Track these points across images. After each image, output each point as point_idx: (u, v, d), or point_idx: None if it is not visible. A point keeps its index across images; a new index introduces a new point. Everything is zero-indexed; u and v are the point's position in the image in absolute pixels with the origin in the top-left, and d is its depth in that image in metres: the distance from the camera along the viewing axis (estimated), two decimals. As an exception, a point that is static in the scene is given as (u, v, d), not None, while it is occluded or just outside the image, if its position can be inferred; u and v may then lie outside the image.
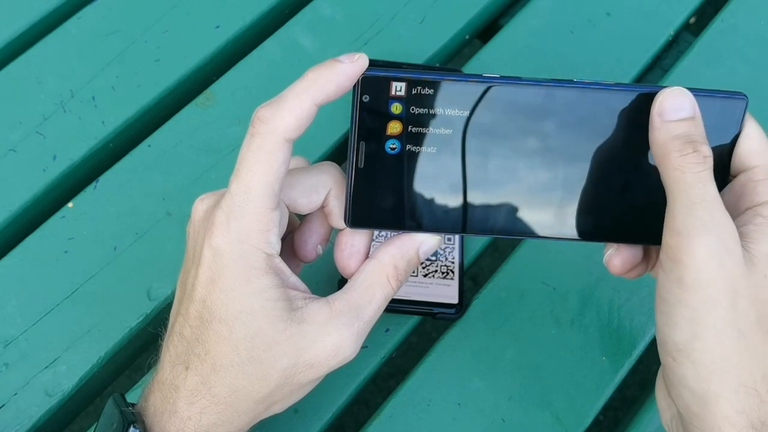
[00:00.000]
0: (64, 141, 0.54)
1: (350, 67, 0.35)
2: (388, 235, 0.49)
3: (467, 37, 0.61)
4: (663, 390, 0.38)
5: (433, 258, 0.50)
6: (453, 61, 0.61)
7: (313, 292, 0.39)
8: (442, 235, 0.42)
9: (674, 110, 0.36)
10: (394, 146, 0.37)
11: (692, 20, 0.63)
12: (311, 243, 0.40)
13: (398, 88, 0.36)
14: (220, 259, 0.36)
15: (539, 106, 0.37)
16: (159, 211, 0.52)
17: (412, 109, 0.37)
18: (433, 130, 0.37)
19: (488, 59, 0.58)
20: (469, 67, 0.57)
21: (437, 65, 0.59)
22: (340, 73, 0.35)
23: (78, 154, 0.53)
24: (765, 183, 0.36)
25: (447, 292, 0.49)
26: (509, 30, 0.60)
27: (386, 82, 0.36)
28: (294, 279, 0.38)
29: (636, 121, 0.37)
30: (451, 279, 0.50)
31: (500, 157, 0.37)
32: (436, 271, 0.50)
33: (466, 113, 0.37)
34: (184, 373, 0.37)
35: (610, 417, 0.54)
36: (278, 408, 0.38)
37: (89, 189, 0.52)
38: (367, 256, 0.39)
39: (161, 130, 0.55)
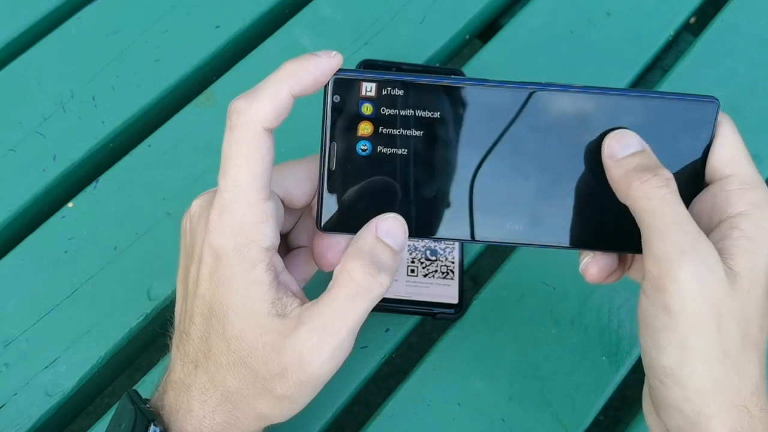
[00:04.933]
0: (64, 141, 0.54)
1: (327, 61, 0.35)
2: None
3: (467, 37, 0.61)
4: (651, 409, 0.38)
5: (433, 258, 0.50)
6: (453, 61, 0.61)
7: (309, 291, 0.38)
8: (415, 240, 0.42)
9: (623, 148, 0.36)
10: (365, 147, 0.37)
11: (692, 20, 0.63)
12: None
13: (368, 89, 0.36)
14: (218, 256, 0.35)
15: (511, 109, 0.36)
16: (159, 211, 0.52)
17: (383, 110, 0.36)
18: (404, 131, 0.37)
19: (488, 59, 0.58)
20: (469, 67, 0.57)
21: (437, 65, 0.59)
22: (318, 66, 0.35)
23: (78, 154, 0.53)
24: (738, 193, 0.36)
25: (447, 292, 0.49)
26: (509, 30, 0.60)
27: (356, 83, 0.36)
28: (287, 277, 0.37)
29: (612, 125, 0.37)
30: (451, 279, 0.50)
31: (471, 161, 0.37)
32: (436, 271, 0.50)
33: (438, 115, 0.37)
34: (194, 371, 0.37)
35: (610, 417, 0.54)
36: (277, 417, 0.37)
37: (89, 189, 0.52)
38: (345, 246, 0.38)
39: (161, 130, 0.55)
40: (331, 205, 0.37)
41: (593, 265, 0.39)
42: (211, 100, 0.56)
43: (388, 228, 0.37)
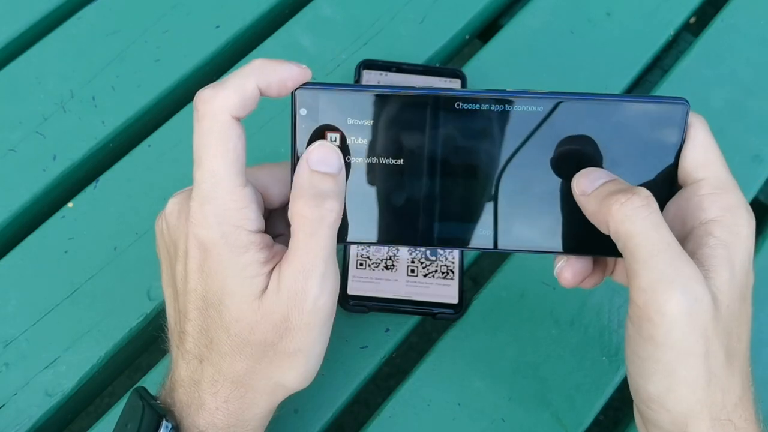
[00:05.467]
0: (64, 141, 0.54)
1: (297, 69, 0.35)
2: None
3: (467, 37, 0.61)
4: (641, 422, 0.38)
5: (433, 258, 0.50)
6: (453, 61, 0.61)
7: None
8: (383, 247, 0.42)
9: (591, 181, 0.36)
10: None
11: (692, 20, 0.63)
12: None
13: (334, 101, 0.37)
14: (205, 246, 0.35)
15: (479, 117, 0.37)
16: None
17: (350, 121, 0.37)
18: (371, 141, 0.37)
19: (488, 59, 0.58)
20: (469, 67, 0.57)
21: (437, 65, 0.59)
22: (285, 69, 0.35)
23: (78, 154, 0.53)
24: (711, 198, 0.35)
25: (447, 292, 0.49)
26: (509, 30, 0.60)
27: (323, 95, 0.36)
28: (281, 250, 0.37)
29: (580, 129, 0.37)
30: (451, 279, 0.50)
31: (439, 169, 0.37)
32: (436, 271, 0.50)
33: (405, 125, 0.37)
34: (199, 366, 0.37)
35: (610, 417, 0.54)
36: (295, 381, 0.37)
37: (89, 189, 0.52)
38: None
39: (161, 130, 0.55)
40: None
41: (567, 269, 0.39)
42: (211, 100, 0.55)
43: (318, 157, 0.37)
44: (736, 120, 0.38)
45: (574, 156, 0.37)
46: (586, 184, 0.36)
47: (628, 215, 0.34)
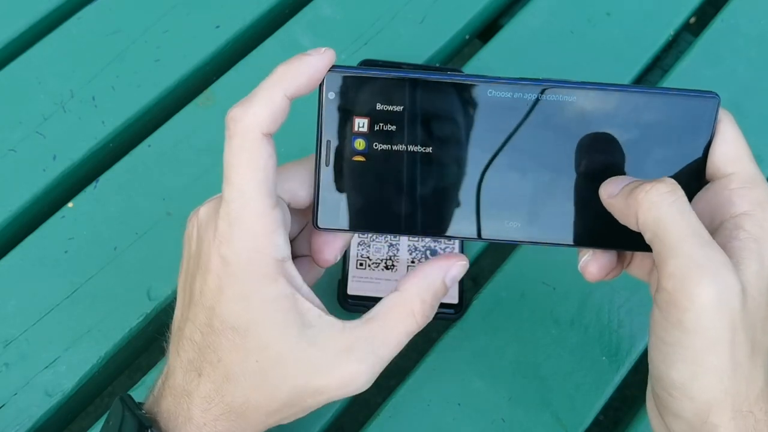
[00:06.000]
0: (64, 141, 0.54)
1: (319, 59, 0.35)
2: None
3: (467, 37, 0.61)
4: (656, 412, 0.37)
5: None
6: (453, 61, 0.61)
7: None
8: (417, 237, 0.41)
9: (617, 185, 0.36)
10: (362, 144, 0.37)
11: (692, 20, 0.63)
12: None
13: (364, 84, 0.36)
14: (229, 268, 0.35)
15: (512, 107, 0.36)
16: (159, 211, 0.52)
17: (379, 107, 0.36)
18: (400, 128, 0.36)
19: (488, 59, 0.58)
20: (469, 67, 0.57)
21: (437, 65, 0.59)
22: (310, 65, 0.35)
23: (78, 154, 0.53)
24: (740, 192, 0.35)
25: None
26: (509, 30, 0.60)
27: (352, 79, 0.36)
28: (307, 290, 0.36)
29: (611, 121, 0.36)
30: (451, 279, 0.50)
31: (470, 159, 0.37)
32: (436, 271, 0.50)
33: (438, 112, 0.36)
34: (197, 379, 0.36)
35: (610, 417, 0.53)
36: (286, 421, 0.37)
37: (89, 189, 0.52)
38: (343, 247, 0.38)
39: (161, 130, 0.54)
40: (326, 203, 0.37)
41: (593, 263, 0.38)
42: (211, 100, 0.56)
43: (455, 275, 0.37)
44: (736, 120, 0.38)
45: (601, 149, 0.37)
46: (612, 187, 0.36)
47: (654, 201, 0.33)
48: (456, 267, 0.37)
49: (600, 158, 0.37)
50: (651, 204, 0.34)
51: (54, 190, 0.53)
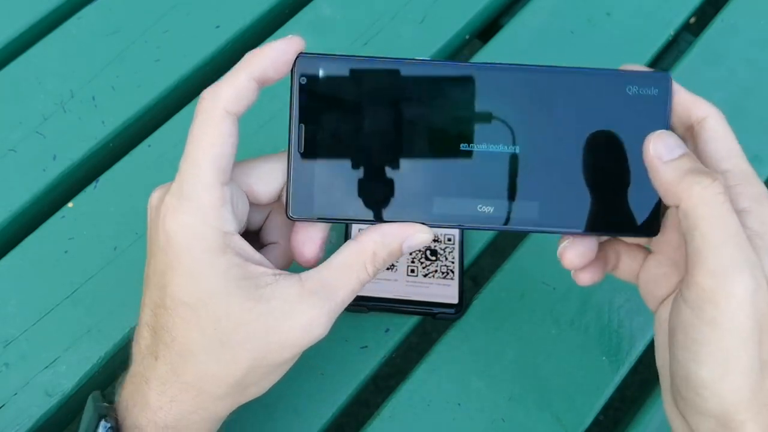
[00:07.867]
0: (64, 141, 0.54)
1: (282, 43, 0.35)
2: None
3: (467, 37, 0.61)
4: (676, 413, 0.37)
5: (433, 258, 0.50)
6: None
7: None
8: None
9: (669, 149, 0.35)
10: (335, 129, 0.36)
11: (692, 20, 0.63)
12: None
13: (336, 69, 0.36)
14: (175, 243, 0.35)
15: (477, 89, 0.36)
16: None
17: (351, 93, 0.36)
18: (372, 113, 0.36)
19: (488, 59, 0.58)
20: (469, 67, 0.57)
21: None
22: (273, 49, 0.35)
23: (78, 154, 0.53)
24: (736, 189, 0.35)
25: (447, 292, 0.49)
26: (509, 30, 0.60)
27: (324, 65, 0.36)
28: (259, 257, 0.36)
29: (562, 102, 0.36)
30: (451, 279, 0.50)
31: (446, 141, 0.36)
32: (436, 271, 0.50)
33: (409, 94, 0.36)
34: (153, 363, 0.36)
35: (610, 417, 0.53)
36: (255, 391, 0.37)
37: (89, 189, 0.52)
38: (322, 243, 0.38)
39: (161, 130, 0.55)
40: (299, 191, 0.37)
41: (570, 249, 0.38)
42: (211, 100, 0.56)
43: (415, 244, 0.37)
44: (735, 120, 0.37)
45: (576, 126, 0.37)
46: (663, 150, 0.35)
47: (707, 200, 0.33)
48: (418, 236, 0.37)
49: (564, 140, 0.37)
50: (703, 201, 0.33)
51: (54, 190, 0.53)
